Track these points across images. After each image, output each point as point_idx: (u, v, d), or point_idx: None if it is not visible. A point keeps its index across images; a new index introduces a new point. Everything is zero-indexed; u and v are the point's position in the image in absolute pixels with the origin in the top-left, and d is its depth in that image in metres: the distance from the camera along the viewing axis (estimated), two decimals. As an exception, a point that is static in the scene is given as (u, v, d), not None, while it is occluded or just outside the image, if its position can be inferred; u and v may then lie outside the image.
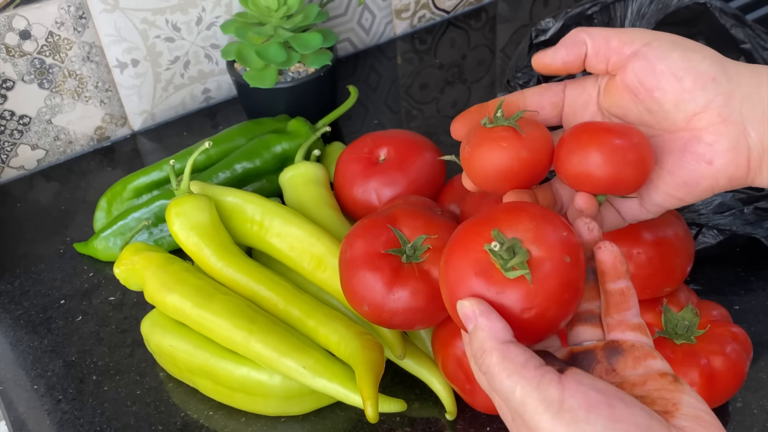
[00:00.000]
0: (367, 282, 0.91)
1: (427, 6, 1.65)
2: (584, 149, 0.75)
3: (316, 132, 1.27)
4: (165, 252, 1.06)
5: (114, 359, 1.08)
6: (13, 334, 1.12)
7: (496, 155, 0.78)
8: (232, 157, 1.23)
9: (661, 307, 0.96)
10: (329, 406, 1.02)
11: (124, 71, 1.37)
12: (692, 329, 0.94)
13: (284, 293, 1.02)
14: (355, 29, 1.58)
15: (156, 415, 1.02)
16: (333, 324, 0.98)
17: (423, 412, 1.00)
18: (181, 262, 1.05)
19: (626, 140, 0.75)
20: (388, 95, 1.50)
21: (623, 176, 0.75)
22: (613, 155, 0.74)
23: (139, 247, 1.06)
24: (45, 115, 1.33)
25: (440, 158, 1.11)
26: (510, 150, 0.78)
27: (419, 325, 0.94)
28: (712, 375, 0.91)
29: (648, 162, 0.75)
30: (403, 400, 0.95)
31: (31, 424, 1.02)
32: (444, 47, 1.62)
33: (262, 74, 1.30)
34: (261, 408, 1.00)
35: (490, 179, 0.80)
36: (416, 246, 0.93)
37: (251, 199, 1.10)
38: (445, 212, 1.03)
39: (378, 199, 1.13)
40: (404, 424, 0.98)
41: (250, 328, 0.97)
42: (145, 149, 1.41)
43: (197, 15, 1.38)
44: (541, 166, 0.79)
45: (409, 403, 1.00)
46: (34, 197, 1.33)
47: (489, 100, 0.86)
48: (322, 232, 1.07)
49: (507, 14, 1.70)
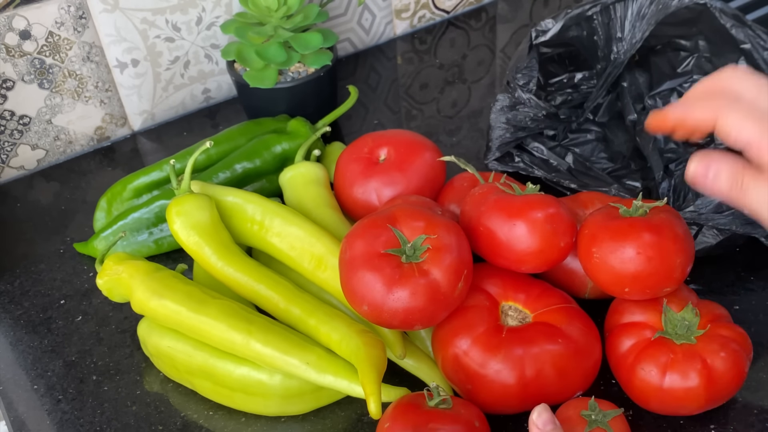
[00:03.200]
0: (367, 282, 0.92)
1: (427, 6, 1.65)
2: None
3: (316, 132, 1.27)
4: (147, 260, 1.06)
5: (114, 359, 1.09)
6: (13, 334, 1.12)
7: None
8: (232, 157, 1.23)
9: (661, 307, 0.96)
10: (329, 406, 1.02)
11: (124, 71, 1.37)
12: (692, 329, 0.94)
13: (285, 292, 1.02)
14: (355, 29, 1.59)
15: (156, 415, 1.02)
16: (334, 322, 0.98)
17: (423, 411, 1.01)
18: (167, 270, 1.04)
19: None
20: (388, 95, 1.50)
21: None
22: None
23: (121, 257, 1.05)
24: (45, 115, 1.33)
25: (440, 159, 1.12)
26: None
27: (419, 325, 0.94)
28: (711, 375, 0.91)
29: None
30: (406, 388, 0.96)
31: (31, 424, 1.02)
32: (444, 47, 1.62)
33: (262, 74, 1.30)
34: (261, 408, 1.00)
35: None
36: (416, 246, 0.93)
37: (251, 199, 1.10)
38: (446, 212, 1.03)
39: (378, 199, 1.13)
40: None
41: (249, 328, 0.97)
42: (145, 149, 1.41)
43: (197, 15, 1.38)
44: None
45: (409, 402, 1.00)
46: (34, 197, 1.33)
47: (489, 100, 0.86)
48: (322, 232, 1.07)
49: (507, 14, 1.71)
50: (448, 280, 0.92)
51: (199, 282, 1.08)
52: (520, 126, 1.20)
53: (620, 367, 0.96)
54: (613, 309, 1.00)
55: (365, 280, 0.92)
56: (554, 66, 1.29)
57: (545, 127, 1.23)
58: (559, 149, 1.27)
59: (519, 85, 1.19)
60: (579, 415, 0.90)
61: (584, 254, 0.97)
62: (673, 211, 0.96)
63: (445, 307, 0.94)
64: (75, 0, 1.27)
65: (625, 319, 0.98)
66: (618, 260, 0.93)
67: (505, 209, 0.97)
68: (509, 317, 0.98)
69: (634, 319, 0.97)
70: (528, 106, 1.19)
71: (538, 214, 0.96)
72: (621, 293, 0.96)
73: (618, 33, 1.22)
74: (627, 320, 0.97)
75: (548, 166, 1.21)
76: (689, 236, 0.95)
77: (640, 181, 1.22)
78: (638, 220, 0.94)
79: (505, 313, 0.98)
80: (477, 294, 0.99)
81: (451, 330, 0.96)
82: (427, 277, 0.92)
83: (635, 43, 1.21)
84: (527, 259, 0.97)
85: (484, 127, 1.40)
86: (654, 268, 0.93)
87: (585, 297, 1.07)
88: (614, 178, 1.22)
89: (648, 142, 1.22)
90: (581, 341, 0.96)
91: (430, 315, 0.93)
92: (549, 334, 0.95)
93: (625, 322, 0.97)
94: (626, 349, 0.96)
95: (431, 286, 0.92)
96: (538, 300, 0.99)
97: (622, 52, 1.23)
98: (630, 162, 1.25)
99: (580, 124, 1.30)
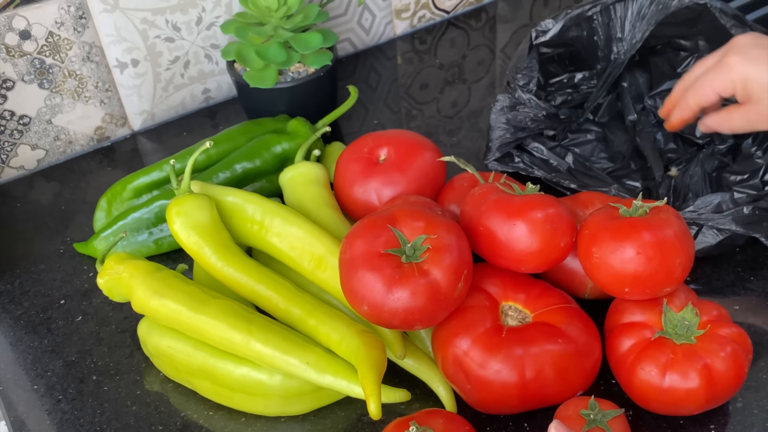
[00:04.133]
0: (367, 282, 0.92)
1: (427, 6, 1.65)
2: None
3: (316, 132, 1.27)
4: (147, 260, 1.06)
5: (114, 359, 1.09)
6: (13, 334, 1.12)
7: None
8: (232, 157, 1.23)
9: (661, 307, 0.96)
10: (329, 406, 1.02)
11: (124, 71, 1.37)
12: (692, 329, 0.94)
13: (285, 293, 1.02)
14: (355, 29, 1.59)
15: (156, 416, 1.02)
16: (334, 322, 0.98)
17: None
18: (168, 270, 1.05)
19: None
20: (388, 95, 1.50)
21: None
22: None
23: (122, 257, 1.06)
24: (45, 115, 1.33)
25: (440, 159, 1.12)
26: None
27: (419, 325, 0.94)
28: (711, 375, 0.91)
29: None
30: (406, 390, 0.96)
31: (31, 424, 1.02)
32: (444, 47, 1.62)
33: (262, 74, 1.30)
34: (261, 408, 1.00)
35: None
36: (416, 246, 0.93)
37: (251, 199, 1.11)
38: (446, 212, 1.04)
39: (378, 199, 1.13)
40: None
41: (249, 328, 0.97)
42: (145, 149, 1.41)
43: (197, 15, 1.38)
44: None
45: (410, 403, 1.00)
46: (34, 197, 1.33)
47: (489, 100, 0.86)
48: (322, 232, 1.07)
49: (507, 14, 1.71)
50: (448, 280, 0.92)
51: (199, 282, 1.08)
52: (520, 126, 1.20)
53: (620, 367, 0.96)
54: (613, 309, 1.00)
55: (365, 280, 0.92)
56: (554, 66, 1.29)
57: (545, 127, 1.23)
58: (559, 149, 1.27)
59: (519, 86, 1.20)
60: (578, 414, 0.90)
61: (584, 254, 0.97)
62: (673, 211, 0.96)
63: (445, 307, 0.94)
64: (75, 0, 1.27)
65: (625, 319, 0.98)
66: (618, 260, 0.93)
67: (505, 209, 0.97)
68: (509, 317, 0.98)
69: (634, 319, 0.97)
70: (528, 106, 1.19)
71: (538, 214, 0.96)
72: (621, 293, 0.96)
73: (618, 33, 1.22)
74: (627, 320, 0.98)
75: (548, 167, 1.21)
76: (689, 236, 0.96)
77: (640, 181, 1.22)
78: (638, 221, 0.94)
79: (505, 313, 0.98)
80: (477, 294, 0.99)
81: (451, 330, 0.96)
82: (427, 277, 0.92)
83: (635, 43, 1.22)
84: (527, 259, 0.97)
85: (484, 128, 1.40)
86: (654, 268, 0.93)
87: (585, 297, 1.07)
88: (614, 178, 1.22)
89: (648, 142, 1.22)
90: (581, 341, 0.96)
91: (430, 315, 0.93)
92: (549, 334, 0.95)
93: (625, 322, 0.98)
94: (626, 349, 0.96)
95: (431, 286, 0.92)
96: (538, 300, 0.99)
97: (622, 52, 1.23)
98: (630, 162, 1.26)
99: (580, 124, 1.30)
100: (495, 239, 0.97)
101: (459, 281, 0.93)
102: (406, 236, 0.94)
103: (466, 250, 0.96)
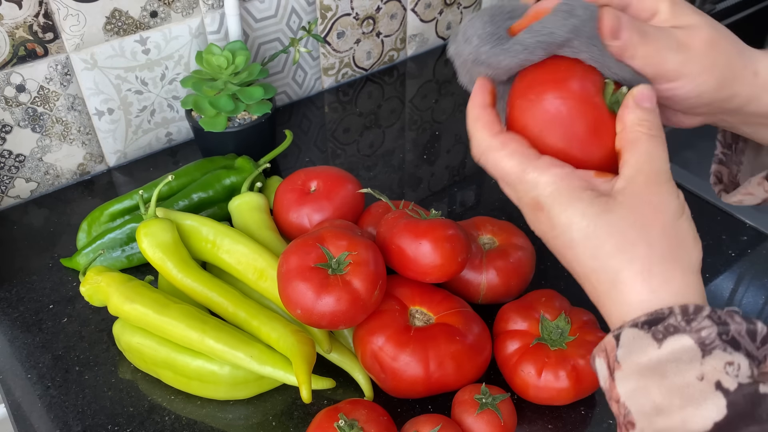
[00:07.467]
0: (300, 290, 0.93)
1: (349, 65, 1.66)
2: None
3: (259, 168, 1.28)
4: (121, 272, 1.06)
5: (93, 353, 1.08)
6: (11, 332, 1.11)
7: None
8: (190, 188, 1.23)
9: (539, 316, 0.98)
10: (269, 392, 1.03)
11: (101, 118, 1.36)
12: (564, 335, 0.96)
13: (233, 299, 1.03)
14: (290, 84, 1.59)
15: (128, 399, 1.02)
16: (273, 323, 0.99)
17: (346, 395, 1.02)
18: (138, 280, 1.05)
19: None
20: (317, 138, 1.50)
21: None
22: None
23: (100, 269, 1.06)
24: (37, 154, 1.32)
25: (360, 190, 1.12)
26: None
27: (342, 325, 0.95)
28: (579, 375, 0.94)
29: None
30: (332, 379, 0.97)
31: (25, 407, 1.01)
32: (363, 98, 1.63)
33: (214, 120, 1.30)
34: (213, 393, 1.01)
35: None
36: (340, 261, 0.94)
37: (206, 223, 1.11)
38: (365, 233, 1.04)
39: (309, 222, 1.14)
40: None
41: (204, 328, 0.97)
42: (119, 182, 1.40)
43: (161, 72, 1.38)
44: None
45: (335, 389, 1.02)
46: (28, 221, 1.32)
47: (400, 141, 0.84)
48: (263, 250, 1.07)
49: (414, 71, 1.72)
50: (366, 288, 0.93)
51: (163, 290, 1.08)
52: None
53: (505, 367, 0.98)
54: (500, 317, 1.02)
55: (298, 289, 0.93)
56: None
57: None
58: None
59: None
60: (473, 398, 0.92)
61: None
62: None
63: (364, 310, 0.95)
64: (61, 60, 1.26)
65: (510, 327, 0.99)
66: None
67: (412, 231, 0.98)
68: (416, 319, 0.99)
69: (517, 327, 0.98)
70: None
71: (440, 234, 0.97)
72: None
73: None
74: (511, 327, 0.99)
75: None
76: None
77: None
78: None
79: (413, 315, 1.00)
80: (390, 300, 1.00)
81: (369, 329, 0.97)
82: (349, 286, 0.93)
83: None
84: (431, 271, 0.98)
85: (396, 164, 1.41)
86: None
87: (479, 302, 1.09)
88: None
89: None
90: (475, 339, 0.97)
91: (352, 317, 0.94)
92: (449, 333, 0.96)
93: (510, 329, 0.99)
94: (510, 352, 0.97)
95: (352, 293, 0.93)
96: (440, 305, 1.00)
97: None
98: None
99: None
100: (404, 255, 0.98)
101: (375, 289, 0.95)
102: (332, 253, 0.95)
103: (381, 264, 0.97)
